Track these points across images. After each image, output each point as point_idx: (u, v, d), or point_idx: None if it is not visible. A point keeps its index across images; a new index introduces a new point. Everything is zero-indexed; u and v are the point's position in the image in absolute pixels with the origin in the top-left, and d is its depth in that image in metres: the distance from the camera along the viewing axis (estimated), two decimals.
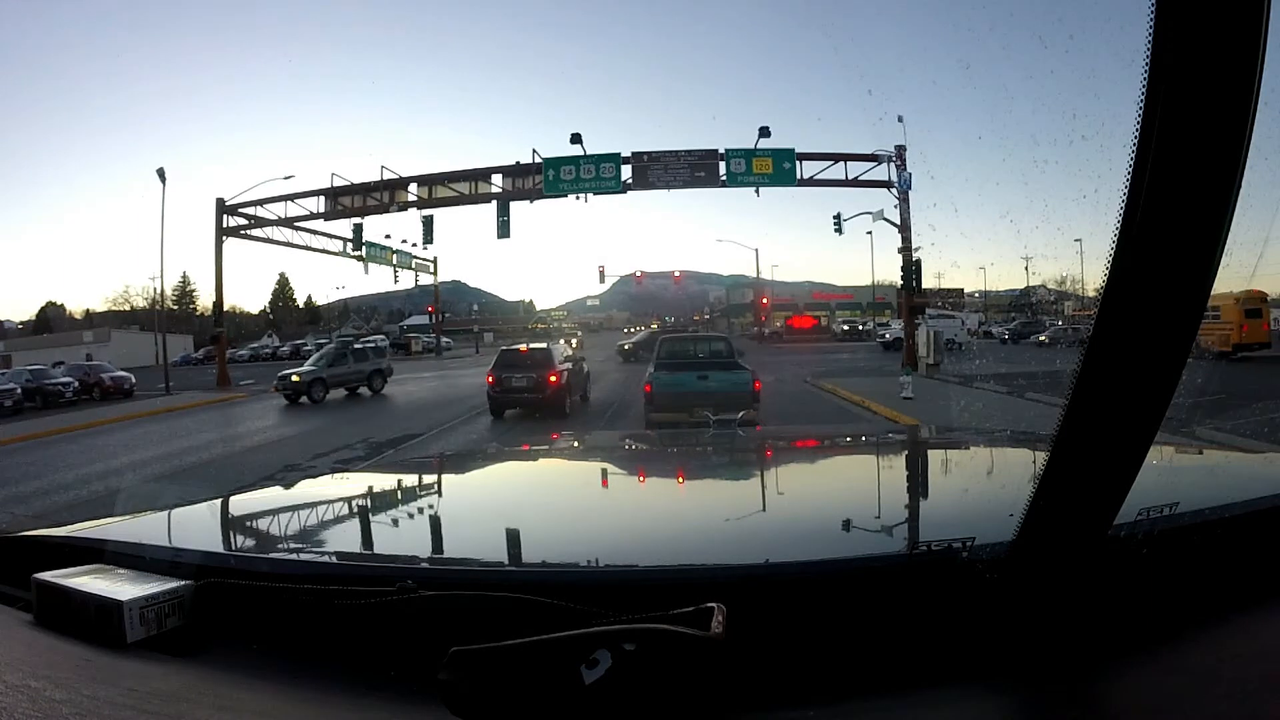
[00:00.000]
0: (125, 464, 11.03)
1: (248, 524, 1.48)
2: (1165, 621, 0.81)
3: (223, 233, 27.88)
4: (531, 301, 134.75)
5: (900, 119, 23.06)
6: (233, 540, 1.39)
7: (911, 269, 23.18)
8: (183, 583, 0.88)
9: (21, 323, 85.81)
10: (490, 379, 14.55)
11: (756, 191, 24.67)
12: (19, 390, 22.46)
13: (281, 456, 11.24)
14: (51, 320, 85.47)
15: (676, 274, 62.52)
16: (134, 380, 26.80)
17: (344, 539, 1.39)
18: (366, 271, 33.80)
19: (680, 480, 1.90)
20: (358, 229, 29.18)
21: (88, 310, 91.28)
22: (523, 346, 16.03)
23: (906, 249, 23.34)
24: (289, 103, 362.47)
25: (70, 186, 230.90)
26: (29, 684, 0.68)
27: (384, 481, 1.97)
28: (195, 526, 1.40)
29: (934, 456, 2.14)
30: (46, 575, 0.89)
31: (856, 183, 24.37)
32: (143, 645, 0.81)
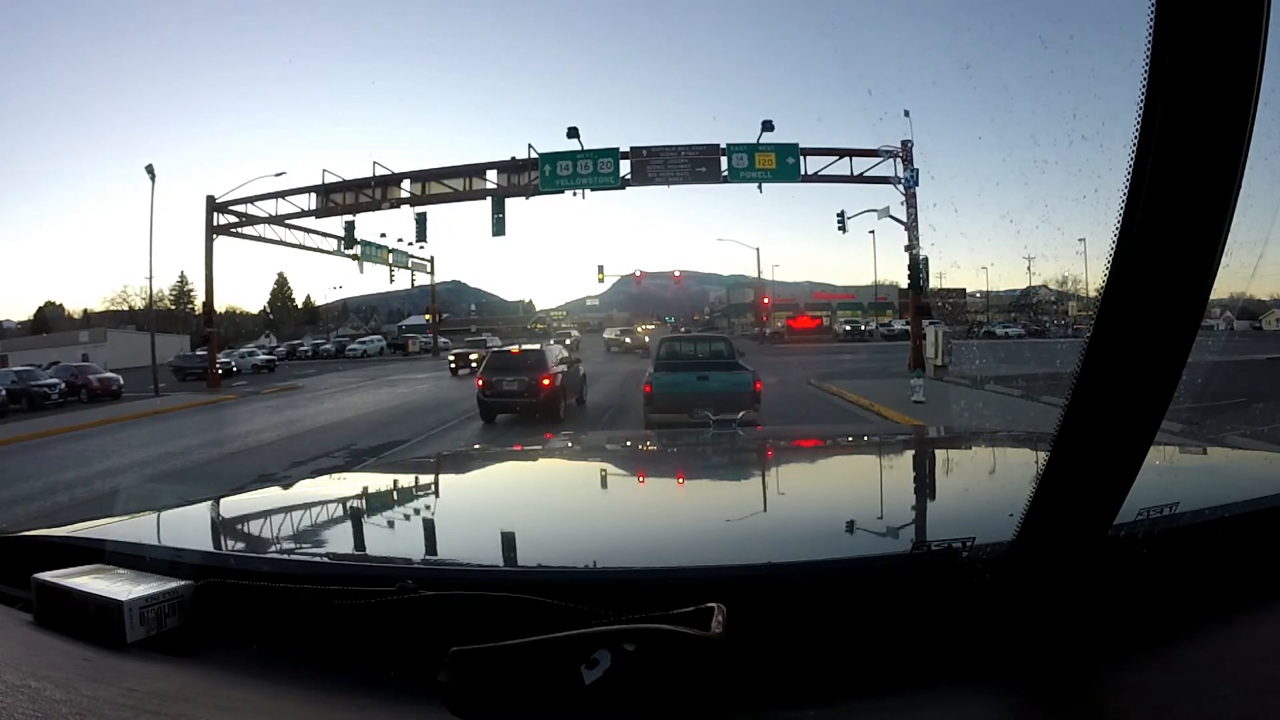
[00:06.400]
0: (104, 469, 10.90)
1: (247, 524, 1.48)
2: (1166, 621, 0.81)
3: (213, 230, 27.65)
4: (531, 301, 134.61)
5: (906, 113, 22.82)
6: (232, 540, 1.39)
7: (918, 268, 22.70)
8: (182, 583, 0.87)
9: (20, 323, 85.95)
10: (480, 382, 14.00)
11: (759, 187, 24.28)
12: (4, 392, 21.83)
13: (260, 464, 10.89)
14: (50, 320, 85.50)
15: (676, 274, 62.21)
16: (122, 381, 26.37)
17: (344, 539, 1.39)
18: (361, 270, 33.61)
19: (680, 480, 1.89)
20: (349, 226, 28.85)
21: (86, 310, 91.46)
22: (514, 348, 15.47)
23: (913, 247, 22.83)
24: (282, 98, 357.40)
25: (69, 186, 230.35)
26: (29, 684, 0.68)
27: (383, 482, 1.97)
28: (195, 527, 1.40)
29: (934, 456, 2.14)
30: (46, 575, 0.89)
31: (861, 178, 23.93)
32: (142, 645, 0.81)
